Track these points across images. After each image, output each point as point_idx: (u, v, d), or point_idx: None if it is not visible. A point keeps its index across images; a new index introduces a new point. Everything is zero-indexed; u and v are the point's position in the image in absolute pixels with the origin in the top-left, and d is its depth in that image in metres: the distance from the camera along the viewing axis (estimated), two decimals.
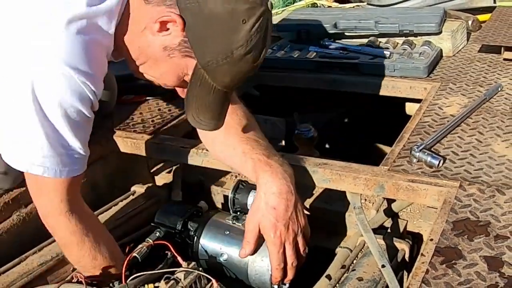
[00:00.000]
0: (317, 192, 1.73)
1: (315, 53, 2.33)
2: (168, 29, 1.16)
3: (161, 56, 1.21)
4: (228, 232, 1.45)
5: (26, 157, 1.17)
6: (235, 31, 1.12)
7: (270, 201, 1.29)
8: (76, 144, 1.19)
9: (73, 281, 1.25)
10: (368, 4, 2.96)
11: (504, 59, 2.18)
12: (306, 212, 1.36)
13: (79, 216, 1.27)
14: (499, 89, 1.91)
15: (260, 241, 1.35)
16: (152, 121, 1.89)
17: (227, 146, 1.45)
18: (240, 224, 1.45)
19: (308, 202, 1.71)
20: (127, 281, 1.22)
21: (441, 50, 2.28)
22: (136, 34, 1.21)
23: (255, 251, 1.36)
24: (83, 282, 1.22)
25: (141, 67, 1.27)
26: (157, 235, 1.48)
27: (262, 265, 1.38)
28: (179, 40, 1.17)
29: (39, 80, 1.10)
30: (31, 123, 1.12)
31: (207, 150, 1.65)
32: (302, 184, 1.54)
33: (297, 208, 1.32)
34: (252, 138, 1.43)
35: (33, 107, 1.11)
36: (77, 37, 1.12)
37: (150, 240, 1.44)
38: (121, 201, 1.71)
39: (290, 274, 1.36)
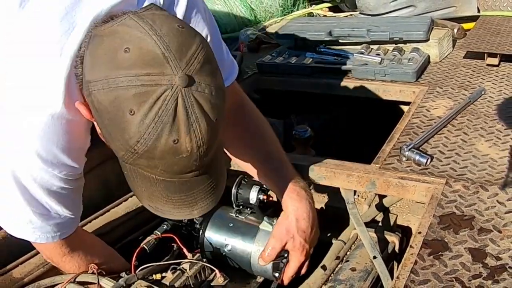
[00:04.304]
0: (313, 188, 1.73)
1: (311, 59, 2.33)
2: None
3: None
4: (232, 225, 1.44)
5: (18, 229, 1.12)
6: (124, 125, 0.85)
7: (301, 225, 1.30)
8: (65, 212, 1.12)
9: (88, 272, 1.25)
10: (360, 13, 2.96)
11: (488, 65, 2.18)
12: None
13: (81, 249, 1.25)
14: (483, 93, 1.91)
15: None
16: None
17: (247, 164, 1.42)
18: (243, 217, 1.45)
19: None
20: (136, 272, 1.23)
21: (428, 56, 2.28)
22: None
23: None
24: (96, 272, 1.22)
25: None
26: (164, 228, 1.48)
27: None
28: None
29: (21, 171, 1.01)
30: (18, 202, 1.05)
31: None
32: None
33: (316, 226, 1.34)
34: (271, 156, 1.38)
35: (18, 191, 1.03)
36: (52, 127, 0.97)
37: (158, 233, 1.44)
38: (131, 196, 1.71)
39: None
